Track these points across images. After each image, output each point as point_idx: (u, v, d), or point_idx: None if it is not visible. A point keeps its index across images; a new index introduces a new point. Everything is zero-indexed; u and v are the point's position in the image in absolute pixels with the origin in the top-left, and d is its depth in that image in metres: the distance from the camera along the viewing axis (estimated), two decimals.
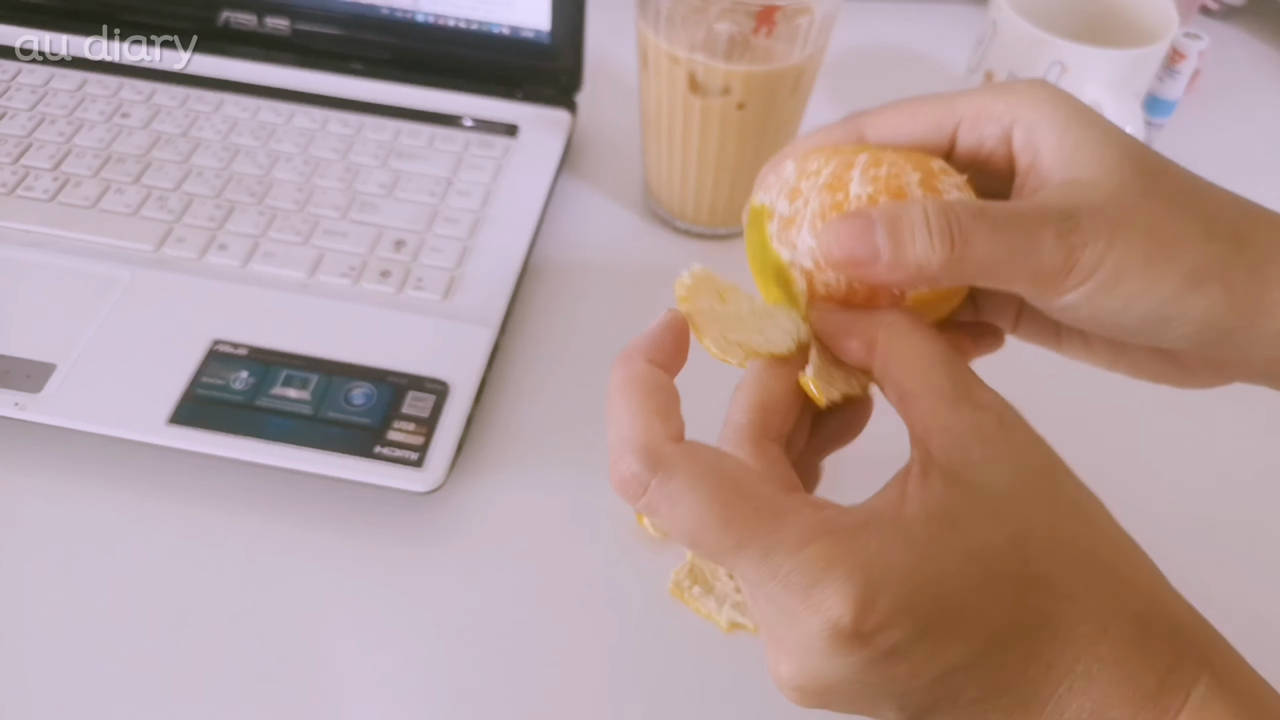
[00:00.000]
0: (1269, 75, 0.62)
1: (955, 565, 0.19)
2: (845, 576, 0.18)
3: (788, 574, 0.19)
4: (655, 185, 0.48)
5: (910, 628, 0.18)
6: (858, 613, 0.18)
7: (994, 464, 0.20)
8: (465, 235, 0.44)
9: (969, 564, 0.19)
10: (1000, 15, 0.50)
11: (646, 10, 0.41)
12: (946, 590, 0.19)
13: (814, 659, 0.19)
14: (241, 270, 0.42)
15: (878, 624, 0.18)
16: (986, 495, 0.20)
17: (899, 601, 0.18)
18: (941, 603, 0.19)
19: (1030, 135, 0.23)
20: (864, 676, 0.19)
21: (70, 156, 0.46)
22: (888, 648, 0.19)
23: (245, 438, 0.36)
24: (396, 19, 0.50)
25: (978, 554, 0.19)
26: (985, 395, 0.21)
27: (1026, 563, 0.19)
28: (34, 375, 0.37)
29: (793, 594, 0.19)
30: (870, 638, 0.18)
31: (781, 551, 0.19)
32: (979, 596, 0.19)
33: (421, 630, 0.34)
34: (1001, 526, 0.19)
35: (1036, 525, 0.20)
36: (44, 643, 0.33)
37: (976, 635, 0.19)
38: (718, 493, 0.19)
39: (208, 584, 0.34)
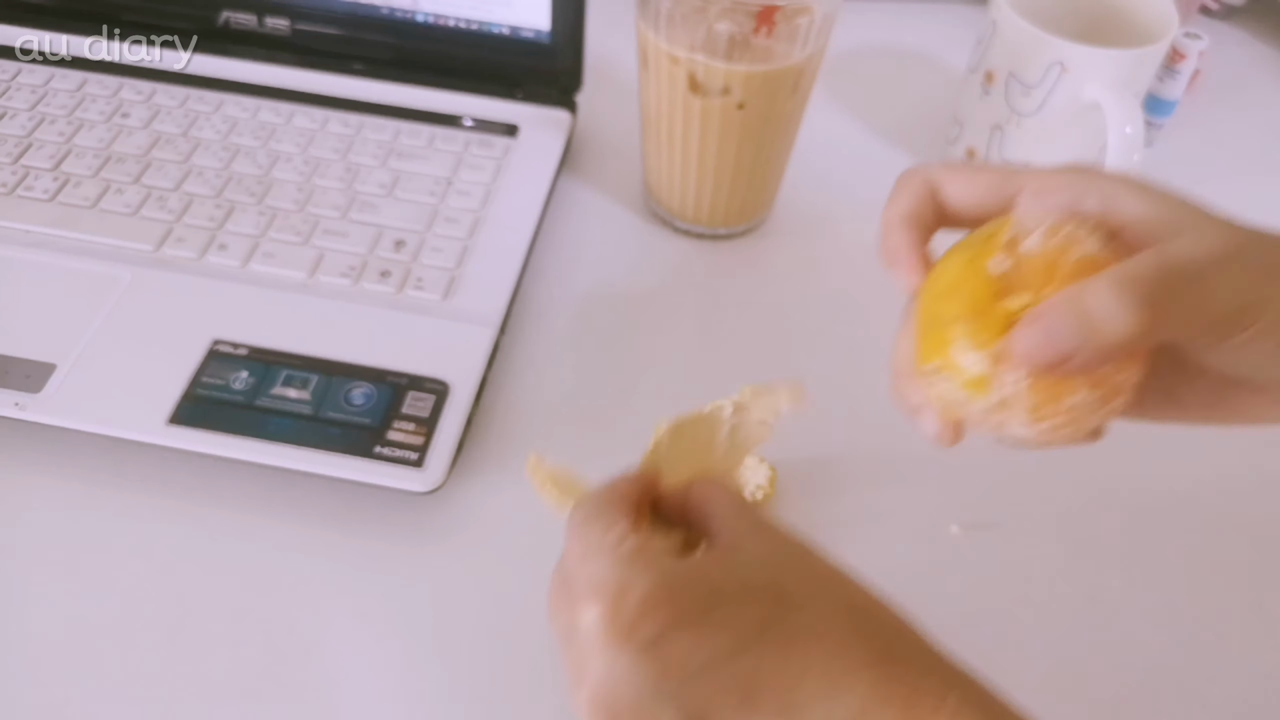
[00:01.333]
0: (1269, 75, 0.62)
1: (715, 581, 0.22)
2: (616, 574, 0.22)
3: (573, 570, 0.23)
4: (655, 185, 0.48)
5: (666, 618, 0.21)
6: (614, 604, 0.21)
7: (766, 540, 0.24)
8: (465, 235, 0.44)
9: (728, 583, 0.22)
10: (1000, 15, 0.50)
11: (646, 10, 0.41)
12: (705, 594, 0.22)
13: (595, 669, 0.21)
14: (241, 270, 0.42)
15: (632, 615, 0.21)
16: (757, 555, 0.23)
17: (652, 594, 0.21)
18: (697, 601, 0.21)
19: (1109, 203, 0.23)
20: (638, 677, 0.21)
21: (70, 156, 0.46)
22: (648, 639, 0.21)
23: (245, 438, 0.36)
24: (396, 19, 0.50)
25: (739, 580, 0.22)
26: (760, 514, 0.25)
27: (783, 593, 0.22)
28: (34, 375, 0.37)
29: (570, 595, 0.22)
30: (630, 632, 0.21)
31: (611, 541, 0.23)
32: (734, 604, 0.22)
33: (421, 629, 0.34)
34: (765, 572, 0.23)
35: (793, 575, 0.23)
36: (45, 642, 0.33)
37: (731, 629, 0.21)
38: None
39: (208, 583, 0.34)
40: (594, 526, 0.23)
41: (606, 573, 0.22)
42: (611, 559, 0.22)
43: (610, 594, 0.21)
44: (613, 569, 0.22)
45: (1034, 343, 0.22)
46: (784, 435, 0.40)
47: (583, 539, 0.23)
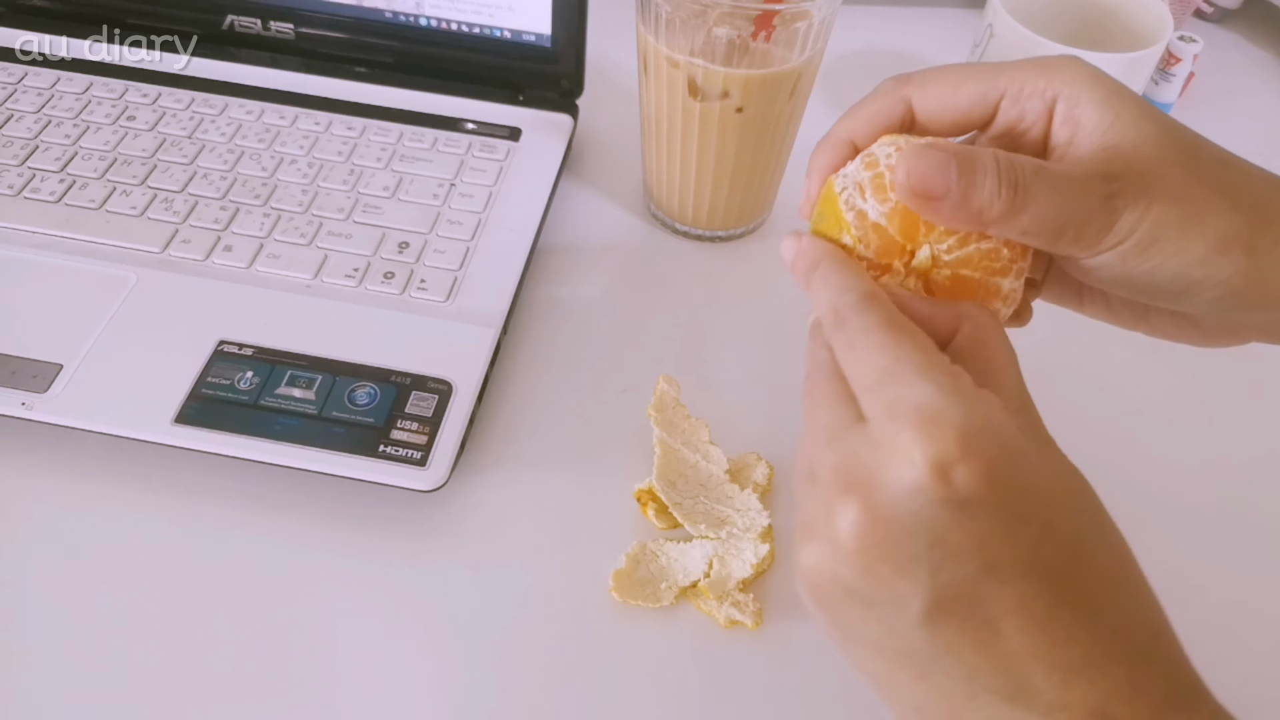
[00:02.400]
0: (1263, 78, 0.63)
1: (1038, 487, 0.20)
2: (967, 414, 0.20)
3: (920, 391, 0.20)
4: (655, 188, 0.49)
5: (990, 494, 0.19)
6: (961, 448, 0.19)
7: (1062, 467, 0.21)
8: (468, 237, 0.45)
9: (1046, 493, 0.20)
10: (996, 19, 0.51)
11: (646, 15, 0.42)
12: (1029, 495, 0.20)
13: (894, 486, 0.20)
14: (247, 271, 0.42)
15: (970, 473, 0.19)
16: (1061, 477, 0.21)
17: (995, 467, 0.19)
18: (1022, 500, 0.19)
19: (1073, 110, 0.24)
20: (927, 520, 0.19)
21: (77, 159, 0.46)
22: (965, 498, 0.19)
23: (250, 437, 0.36)
24: (400, 24, 0.50)
25: (1052, 497, 0.20)
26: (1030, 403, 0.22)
27: (1081, 540, 0.20)
28: (41, 375, 0.37)
29: (913, 413, 0.20)
30: (958, 481, 0.19)
31: (924, 366, 0.20)
32: (1042, 524, 0.20)
33: (424, 626, 0.34)
34: (1068, 503, 0.21)
35: (1093, 525, 0.21)
36: (50, 640, 0.33)
37: (1029, 549, 0.19)
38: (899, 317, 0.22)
39: (213, 581, 0.35)
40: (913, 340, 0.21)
41: (945, 409, 0.20)
42: (952, 394, 0.20)
43: (959, 435, 0.19)
44: (956, 407, 0.20)
45: (915, 165, 0.22)
46: (784, 433, 0.40)
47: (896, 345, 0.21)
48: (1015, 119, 0.25)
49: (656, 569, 0.35)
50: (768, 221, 0.50)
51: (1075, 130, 0.24)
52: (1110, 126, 0.24)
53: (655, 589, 0.35)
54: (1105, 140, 0.24)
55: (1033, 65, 0.25)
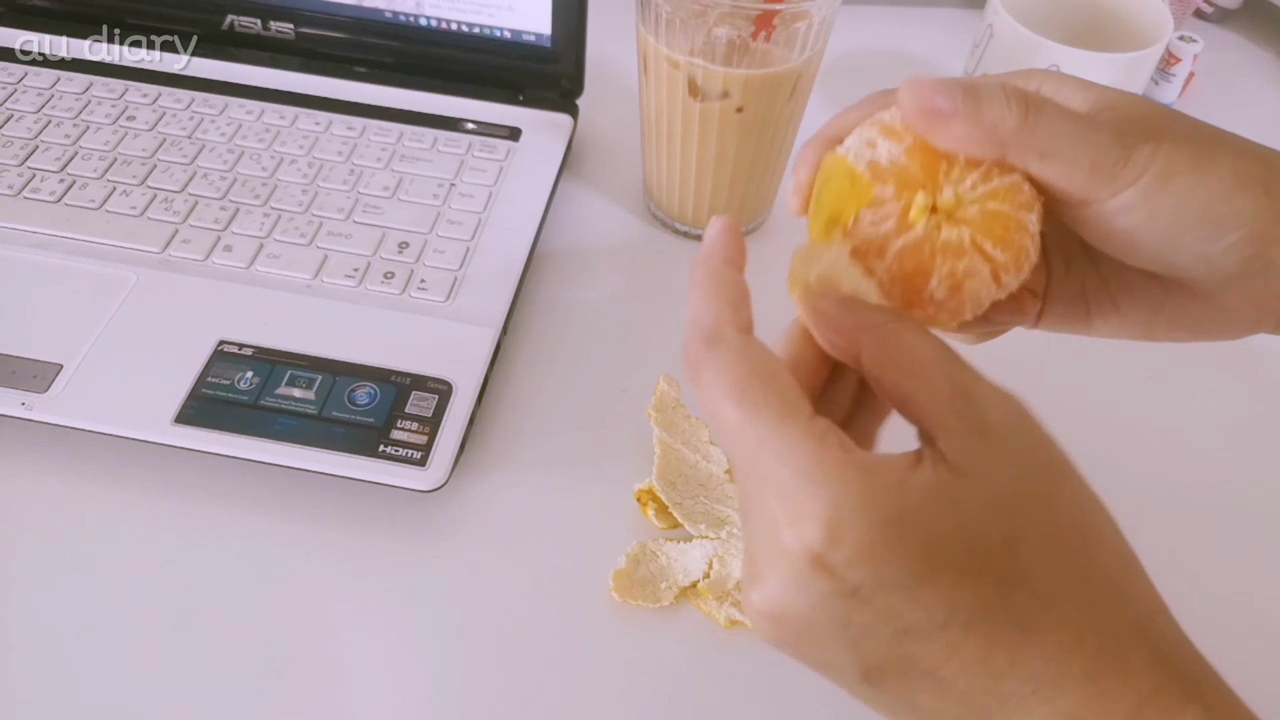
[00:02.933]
0: (1263, 78, 0.63)
1: (940, 536, 0.19)
2: (828, 499, 0.19)
3: (783, 482, 0.19)
4: (655, 188, 0.49)
5: (875, 572, 0.18)
6: (828, 538, 0.18)
7: (999, 466, 0.20)
8: (468, 237, 0.45)
9: (954, 540, 0.19)
10: (996, 19, 0.51)
11: (646, 15, 0.42)
12: (925, 551, 0.19)
13: (782, 581, 0.19)
14: (247, 271, 0.42)
15: (846, 557, 0.18)
16: (989, 493, 0.19)
17: (871, 542, 0.18)
18: (915, 561, 0.19)
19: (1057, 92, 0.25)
20: (824, 611, 0.19)
21: (77, 159, 0.46)
22: (851, 586, 0.19)
23: (250, 437, 0.36)
24: (400, 23, 0.50)
25: (966, 537, 0.19)
26: (986, 392, 0.20)
27: (1014, 559, 0.19)
28: (41, 375, 0.37)
29: (780, 504, 0.19)
30: (836, 570, 0.18)
31: (781, 448, 0.19)
32: (955, 571, 0.19)
33: (424, 626, 0.34)
34: (997, 523, 0.19)
35: (1032, 529, 0.19)
36: (50, 640, 0.33)
37: (941, 604, 0.19)
38: (753, 373, 0.20)
39: (213, 581, 0.35)
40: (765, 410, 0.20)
41: (805, 499, 0.19)
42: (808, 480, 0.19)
43: (822, 524, 0.18)
44: (814, 495, 0.19)
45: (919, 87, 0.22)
46: None
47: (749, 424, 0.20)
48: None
49: (656, 569, 0.35)
50: (768, 221, 0.50)
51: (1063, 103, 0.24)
52: (1099, 98, 0.24)
53: (655, 589, 0.35)
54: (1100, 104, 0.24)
55: (1010, 74, 0.25)
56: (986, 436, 0.20)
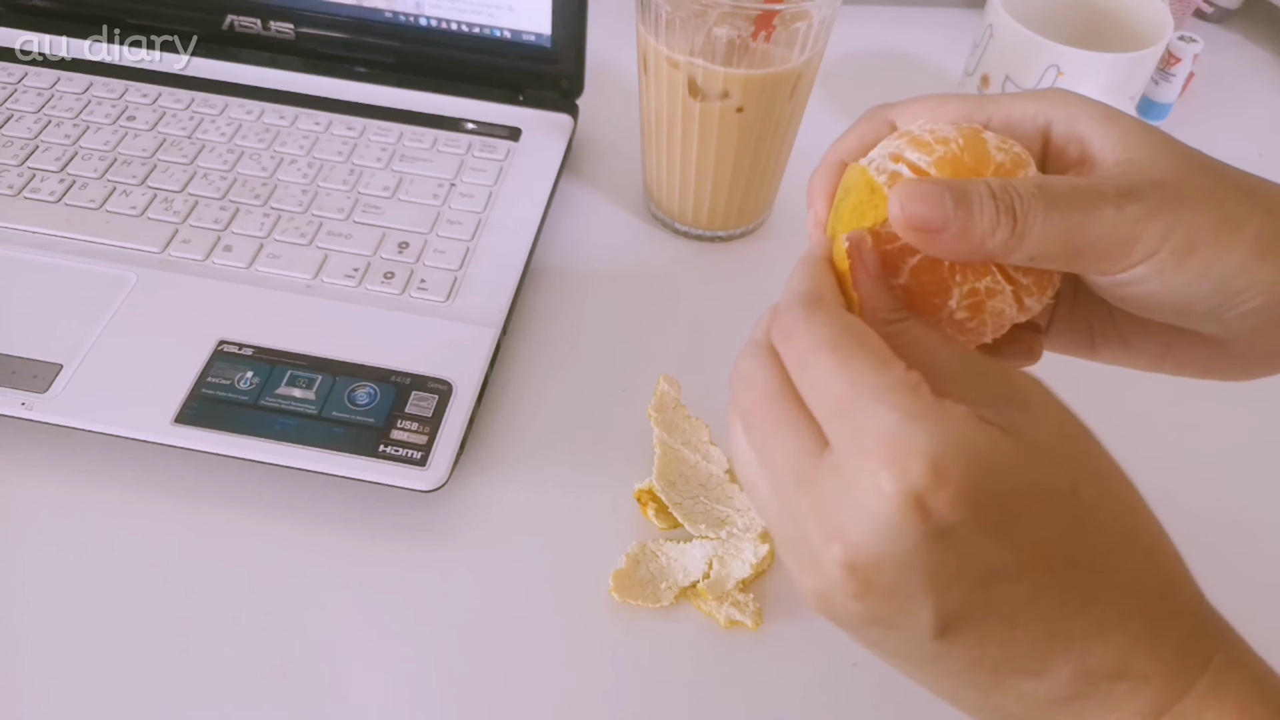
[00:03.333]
0: (1263, 78, 0.63)
1: (1022, 481, 0.19)
2: (935, 436, 0.19)
3: (882, 420, 0.19)
4: (655, 188, 0.49)
5: (971, 515, 0.19)
6: (934, 476, 0.18)
7: (1040, 425, 0.20)
8: (468, 237, 0.45)
9: (1034, 488, 0.19)
10: (996, 19, 0.51)
11: (646, 15, 0.42)
12: (1011, 499, 0.19)
13: (875, 527, 0.19)
14: (247, 271, 0.42)
15: (950, 497, 0.19)
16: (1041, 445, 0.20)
17: (969, 487, 0.19)
18: (1004, 508, 0.19)
19: (1073, 128, 0.24)
20: (914, 556, 0.19)
21: (77, 159, 0.46)
22: (945, 526, 0.19)
23: (250, 437, 0.36)
24: (400, 23, 0.50)
25: (1041, 483, 0.20)
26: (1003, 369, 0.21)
27: (1080, 505, 0.20)
28: (41, 375, 0.37)
29: (879, 445, 0.19)
30: (935, 511, 0.19)
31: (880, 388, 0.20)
32: (1038, 519, 0.19)
33: (424, 626, 0.34)
34: (1059, 470, 0.20)
35: (1087, 477, 0.20)
36: (50, 641, 0.33)
37: (1026, 550, 0.19)
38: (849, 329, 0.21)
39: (213, 581, 0.35)
40: (864, 358, 0.20)
41: (911, 436, 0.19)
42: (915, 418, 0.19)
43: (919, 468, 0.19)
44: (920, 433, 0.19)
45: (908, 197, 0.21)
46: None
47: (847, 367, 0.20)
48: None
49: (656, 569, 0.35)
50: (768, 221, 0.50)
51: (1083, 148, 0.23)
52: (1120, 140, 0.23)
53: (655, 589, 0.35)
54: (1118, 155, 0.23)
55: (1019, 94, 0.25)
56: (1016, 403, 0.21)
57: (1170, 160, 0.22)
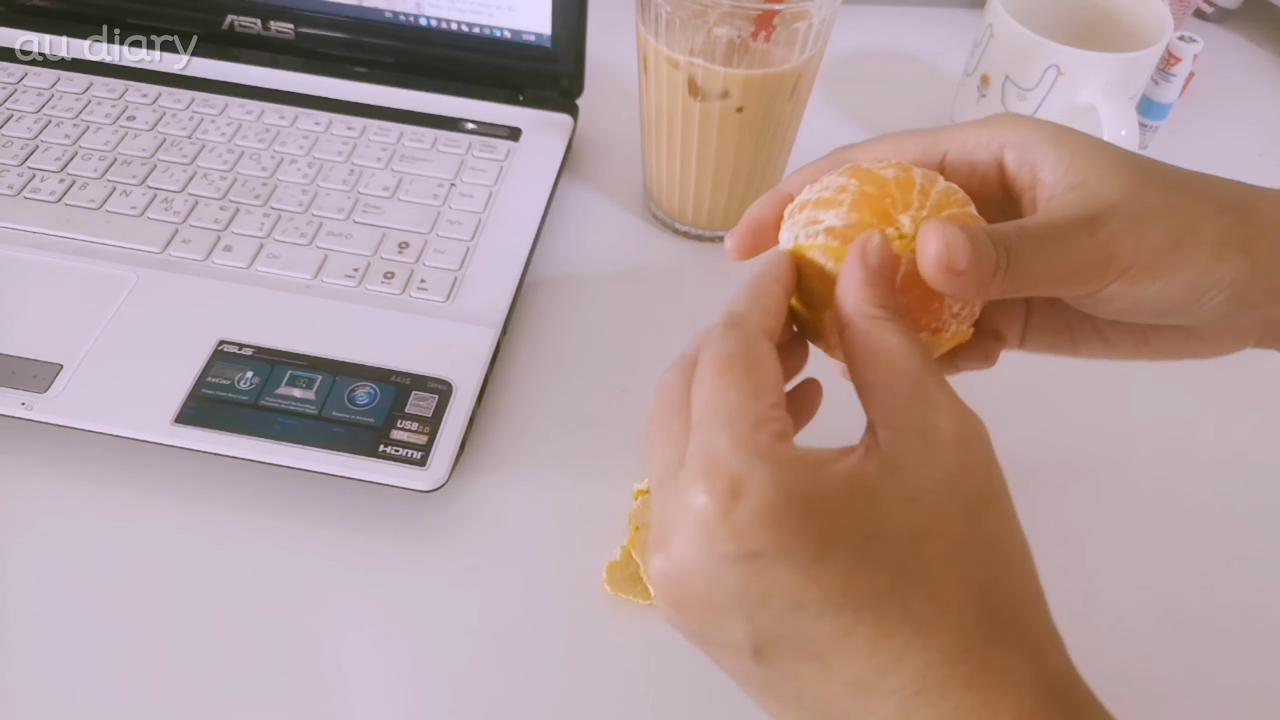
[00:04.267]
0: (1263, 78, 0.63)
1: (846, 520, 0.19)
2: (747, 464, 0.19)
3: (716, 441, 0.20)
4: (655, 188, 0.49)
5: (775, 539, 0.19)
6: (733, 496, 0.19)
7: (929, 467, 0.20)
8: (468, 237, 0.45)
9: (859, 527, 0.19)
10: (996, 19, 0.51)
11: (646, 15, 0.42)
12: (826, 531, 0.19)
13: (688, 540, 0.20)
14: (247, 271, 0.42)
15: (748, 518, 0.19)
16: (909, 490, 0.20)
17: (775, 510, 0.19)
18: (814, 539, 0.19)
19: (1024, 154, 0.24)
20: (725, 573, 0.19)
21: (77, 159, 0.46)
22: (751, 550, 0.19)
23: (250, 437, 0.36)
24: (400, 23, 0.50)
25: (872, 527, 0.19)
26: (945, 402, 0.21)
27: (917, 558, 0.19)
28: (41, 375, 0.37)
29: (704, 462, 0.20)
30: (739, 531, 0.19)
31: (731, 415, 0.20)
32: (854, 557, 0.19)
33: (424, 626, 0.34)
34: (908, 520, 0.20)
35: (943, 535, 0.20)
36: (50, 640, 0.33)
37: (836, 585, 0.19)
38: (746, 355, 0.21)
39: (213, 581, 0.35)
40: (738, 384, 0.21)
41: (730, 461, 0.19)
42: (742, 446, 0.20)
43: (725, 489, 0.19)
44: (739, 460, 0.19)
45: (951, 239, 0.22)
46: None
47: (719, 388, 0.21)
48: (965, 175, 0.25)
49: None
50: None
51: (1035, 173, 0.24)
52: (1070, 164, 0.24)
53: (645, 585, 0.35)
54: (1070, 179, 0.24)
55: (972, 124, 0.26)
56: (926, 437, 0.20)
57: (1120, 179, 0.23)
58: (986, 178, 0.25)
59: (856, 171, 0.25)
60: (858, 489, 0.20)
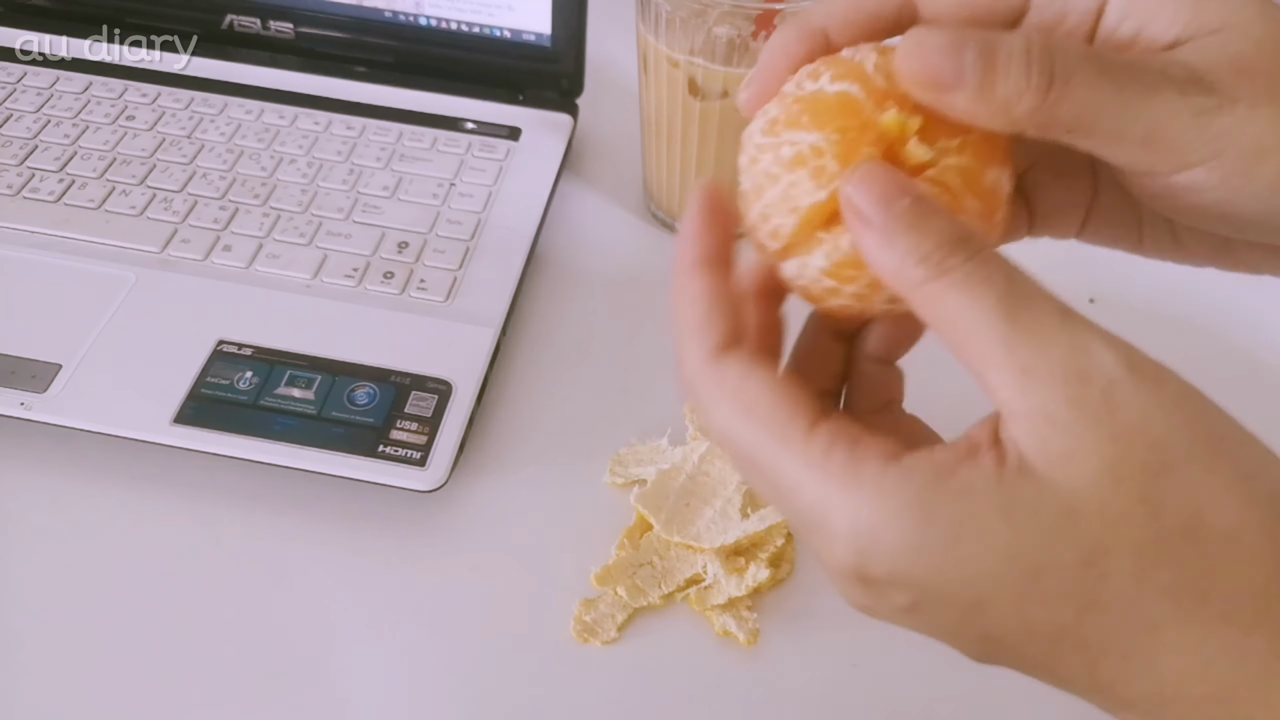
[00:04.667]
0: None
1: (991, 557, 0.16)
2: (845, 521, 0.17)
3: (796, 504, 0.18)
4: (655, 188, 0.49)
5: (924, 594, 0.16)
6: (861, 563, 0.17)
7: (1079, 462, 0.16)
8: (468, 237, 0.45)
9: (1010, 564, 0.16)
10: None
11: (646, 14, 0.42)
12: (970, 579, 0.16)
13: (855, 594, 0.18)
14: (246, 271, 0.42)
15: (882, 580, 0.17)
16: (1062, 499, 0.16)
17: (905, 568, 0.16)
18: (961, 589, 0.16)
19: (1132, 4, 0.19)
20: (905, 619, 0.17)
21: (76, 159, 0.46)
22: (909, 603, 0.17)
23: (249, 437, 0.36)
24: (399, 23, 0.50)
25: (1028, 560, 0.16)
26: (1061, 356, 0.16)
27: (1101, 581, 0.16)
28: (40, 375, 0.37)
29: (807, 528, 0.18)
30: (881, 591, 0.17)
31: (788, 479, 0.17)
32: (1016, 600, 0.16)
33: (423, 626, 0.34)
34: (1073, 540, 0.16)
35: (1124, 543, 0.16)
36: (49, 641, 0.33)
37: (1013, 626, 0.16)
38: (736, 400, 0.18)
39: (213, 581, 0.35)
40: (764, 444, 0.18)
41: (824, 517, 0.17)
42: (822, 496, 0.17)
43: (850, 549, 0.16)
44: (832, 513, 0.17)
45: (917, 47, 0.18)
46: None
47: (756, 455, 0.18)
48: (1054, 19, 0.20)
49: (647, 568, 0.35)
50: None
51: (1141, 27, 0.19)
52: (1193, 18, 0.18)
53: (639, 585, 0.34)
54: (1186, 33, 0.18)
55: None
56: (1058, 424, 0.16)
57: (1258, 35, 0.18)
58: (1081, 25, 0.19)
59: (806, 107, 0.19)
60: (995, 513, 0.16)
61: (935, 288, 0.17)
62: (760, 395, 0.18)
